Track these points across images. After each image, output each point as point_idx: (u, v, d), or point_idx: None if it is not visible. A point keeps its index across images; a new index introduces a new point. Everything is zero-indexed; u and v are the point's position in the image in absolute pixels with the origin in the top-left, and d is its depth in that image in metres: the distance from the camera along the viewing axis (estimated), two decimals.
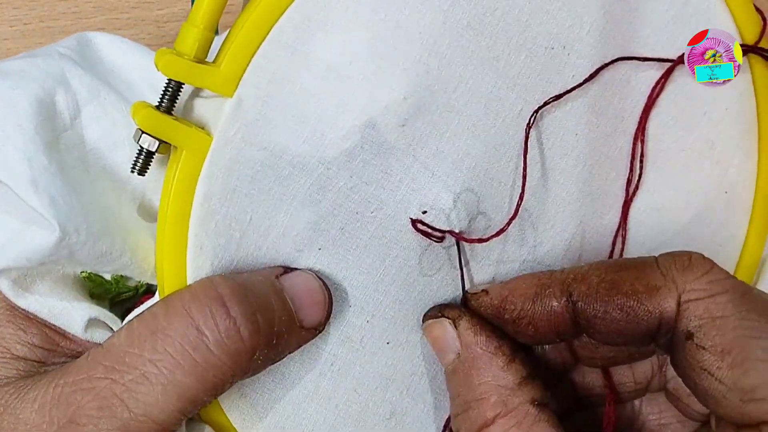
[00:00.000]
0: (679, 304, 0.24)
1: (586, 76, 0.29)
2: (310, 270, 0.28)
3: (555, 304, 0.26)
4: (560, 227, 0.30)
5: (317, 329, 0.28)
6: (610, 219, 0.31)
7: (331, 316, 0.29)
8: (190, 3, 0.49)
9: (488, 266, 0.30)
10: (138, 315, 0.25)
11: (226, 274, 0.27)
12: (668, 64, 0.29)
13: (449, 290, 0.30)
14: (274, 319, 0.26)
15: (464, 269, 0.30)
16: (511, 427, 0.25)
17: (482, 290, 0.28)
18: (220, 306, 0.25)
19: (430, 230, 0.29)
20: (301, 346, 0.28)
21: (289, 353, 0.28)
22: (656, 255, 0.26)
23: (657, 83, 0.30)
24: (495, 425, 0.25)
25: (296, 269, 0.28)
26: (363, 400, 0.30)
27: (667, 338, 0.25)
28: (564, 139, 0.30)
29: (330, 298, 0.28)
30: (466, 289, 0.29)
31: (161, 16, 0.48)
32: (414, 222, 0.29)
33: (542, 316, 0.26)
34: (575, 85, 0.29)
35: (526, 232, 0.30)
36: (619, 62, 0.29)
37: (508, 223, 0.29)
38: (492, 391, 0.26)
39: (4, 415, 0.24)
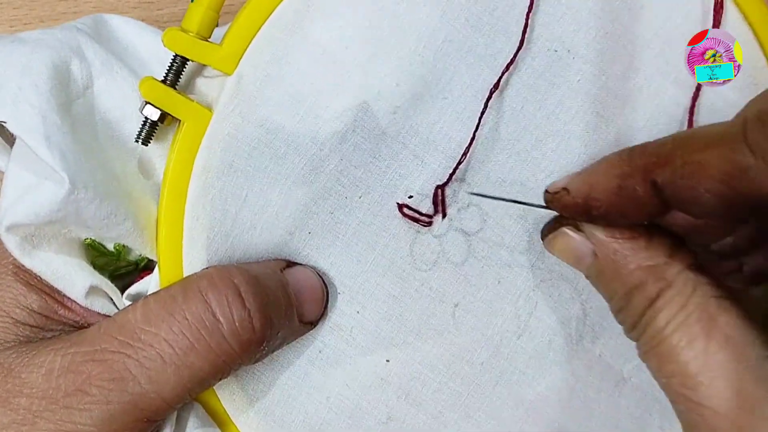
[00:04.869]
0: None
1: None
2: (308, 265, 0.29)
3: (640, 192, 0.25)
4: None
5: (313, 324, 0.29)
6: None
7: None
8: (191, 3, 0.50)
9: (490, 268, 0.30)
10: (154, 294, 0.26)
11: (239, 264, 0.28)
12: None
13: (450, 290, 0.30)
14: (281, 313, 0.27)
15: (464, 266, 0.30)
16: (676, 295, 0.25)
17: (562, 188, 0.27)
18: (237, 296, 0.26)
19: (417, 215, 0.29)
20: (296, 338, 0.29)
21: (286, 344, 0.29)
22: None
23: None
24: (660, 299, 0.25)
25: (298, 264, 0.29)
26: (356, 397, 0.30)
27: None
28: (569, 144, 0.30)
29: (327, 294, 0.29)
30: (546, 188, 0.28)
31: (161, 16, 0.49)
32: (401, 207, 0.29)
33: (629, 205, 0.25)
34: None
35: (534, 236, 0.30)
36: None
37: (455, 169, 0.29)
38: (646, 272, 0.25)
39: (8, 377, 0.25)
